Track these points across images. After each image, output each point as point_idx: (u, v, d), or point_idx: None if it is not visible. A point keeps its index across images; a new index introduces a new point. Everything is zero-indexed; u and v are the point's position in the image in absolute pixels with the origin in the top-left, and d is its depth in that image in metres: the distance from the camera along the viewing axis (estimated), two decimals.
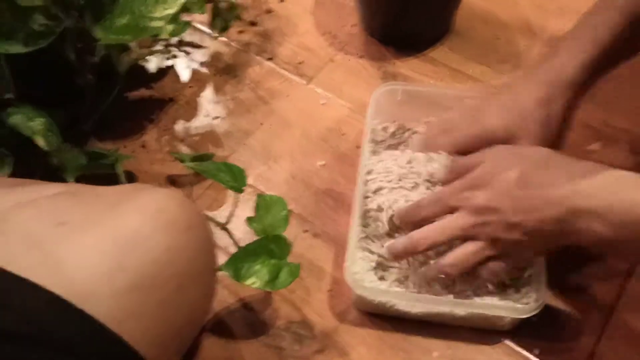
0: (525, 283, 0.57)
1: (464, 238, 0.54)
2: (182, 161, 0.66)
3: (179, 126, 0.76)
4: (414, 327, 0.59)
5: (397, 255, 0.57)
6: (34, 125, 0.61)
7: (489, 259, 0.54)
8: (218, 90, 0.79)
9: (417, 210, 0.57)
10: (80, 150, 0.66)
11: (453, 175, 0.57)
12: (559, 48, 0.59)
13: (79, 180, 0.64)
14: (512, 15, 0.85)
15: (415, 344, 0.59)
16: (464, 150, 0.59)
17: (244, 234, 0.64)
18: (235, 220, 0.66)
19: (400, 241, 0.57)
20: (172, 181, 0.71)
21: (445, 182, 0.58)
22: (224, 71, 0.81)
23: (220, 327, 0.60)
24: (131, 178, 0.70)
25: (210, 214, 0.67)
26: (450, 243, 0.55)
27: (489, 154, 0.56)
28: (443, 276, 0.56)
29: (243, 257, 0.56)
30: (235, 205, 0.66)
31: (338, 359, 0.58)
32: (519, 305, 0.56)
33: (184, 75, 0.81)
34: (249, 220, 0.61)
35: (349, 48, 0.83)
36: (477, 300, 0.57)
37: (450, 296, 0.57)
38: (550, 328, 0.59)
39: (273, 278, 0.55)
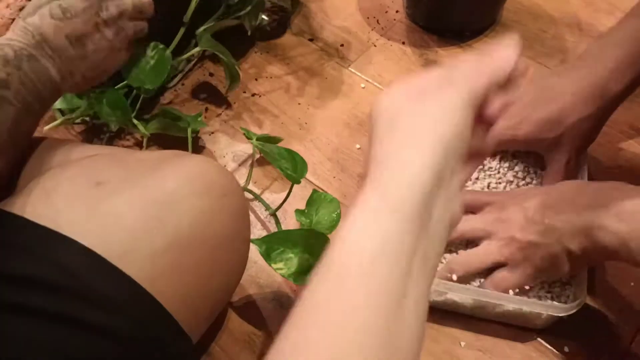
0: (566, 281, 0.57)
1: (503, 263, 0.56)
2: (249, 138, 0.66)
3: (216, 99, 0.76)
4: (444, 317, 0.58)
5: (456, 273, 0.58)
6: None
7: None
8: (257, 67, 0.79)
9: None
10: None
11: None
12: (603, 49, 0.60)
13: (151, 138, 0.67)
14: (561, 10, 0.83)
15: (444, 333, 0.58)
16: (509, 148, 0.64)
17: (292, 225, 0.64)
18: (286, 208, 0.64)
19: (452, 268, 0.58)
20: (233, 156, 0.71)
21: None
22: (263, 48, 0.81)
23: (249, 302, 0.60)
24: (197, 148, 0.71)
25: (264, 196, 0.67)
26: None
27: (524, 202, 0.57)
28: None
29: (280, 240, 0.55)
30: (287, 197, 0.63)
31: None
32: (557, 304, 0.55)
33: None
34: (298, 212, 0.60)
35: (391, 34, 0.82)
36: (515, 296, 0.56)
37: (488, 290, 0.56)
38: (581, 327, 0.57)
39: (301, 272, 0.54)
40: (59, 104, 0.67)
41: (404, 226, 0.32)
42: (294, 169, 0.60)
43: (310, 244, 0.55)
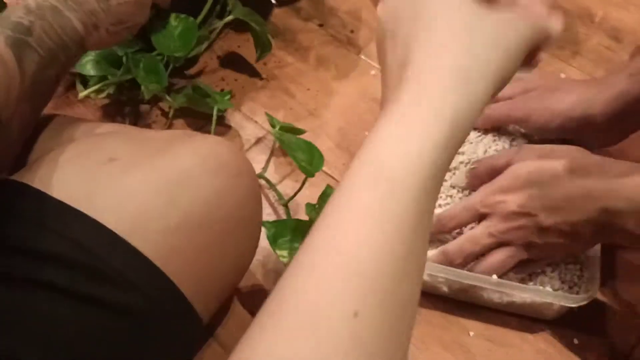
0: (578, 273, 0.56)
1: (498, 245, 0.53)
2: (272, 125, 0.65)
3: (233, 79, 0.75)
4: (453, 306, 0.58)
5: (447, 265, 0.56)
6: None
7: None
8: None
9: (446, 221, 0.56)
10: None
11: (479, 180, 0.56)
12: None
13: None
14: (573, 2, 0.82)
15: (453, 322, 0.57)
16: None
17: (302, 217, 0.62)
18: (298, 200, 0.63)
19: (434, 257, 0.56)
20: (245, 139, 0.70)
21: (472, 187, 0.57)
22: (272, 33, 0.80)
23: (257, 286, 0.59)
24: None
25: (278, 186, 0.66)
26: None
27: (516, 155, 0.55)
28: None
29: (290, 228, 0.54)
30: (300, 189, 0.62)
31: None
32: (569, 294, 0.54)
33: None
34: (309, 207, 0.58)
35: None
36: (526, 285, 0.55)
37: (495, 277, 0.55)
38: (591, 320, 0.57)
39: None
40: (92, 69, 0.66)
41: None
42: (309, 161, 0.60)
43: None
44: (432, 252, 0.56)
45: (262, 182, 0.66)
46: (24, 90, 0.43)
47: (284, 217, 0.64)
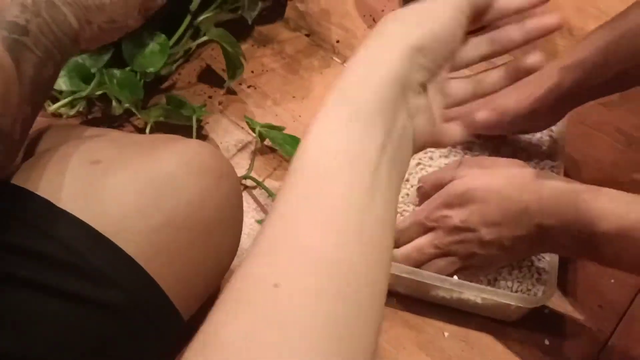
0: (537, 276, 0.58)
1: (442, 254, 0.56)
2: (252, 128, 0.67)
3: (212, 88, 0.77)
4: (427, 308, 0.60)
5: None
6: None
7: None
8: (254, 59, 0.80)
9: (398, 236, 0.58)
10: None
11: (427, 197, 0.59)
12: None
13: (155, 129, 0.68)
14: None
15: (429, 323, 0.59)
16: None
17: None
18: None
19: (400, 258, 0.58)
20: (229, 145, 0.72)
21: (419, 203, 0.61)
22: (260, 42, 0.82)
23: None
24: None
25: (269, 183, 0.67)
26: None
27: (460, 170, 0.57)
28: None
29: None
30: None
31: None
32: (526, 296, 0.57)
33: None
34: None
35: None
36: (486, 286, 0.57)
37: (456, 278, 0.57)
38: (562, 322, 0.59)
39: None
40: (63, 84, 0.67)
41: (367, 129, 0.32)
42: None
43: None
44: None
45: (249, 182, 0.68)
46: (23, 93, 0.44)
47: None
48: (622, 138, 0.72)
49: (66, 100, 0.68)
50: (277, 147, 0.63)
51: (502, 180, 0.54)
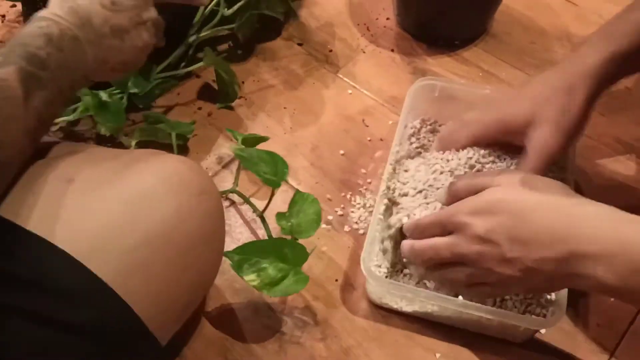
0: (546, 296, 0.56)
1: (456, 263, 0.52)
2: (235, 138, 0.65)
3: (201, 103, 0.75)
4: (421, 325, 0.58)
5: (407, 259, 0.56)
6: None
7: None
8: (244, 69, 0.79)
9: (417, 230, 0.55)
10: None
11: (456, 198, 0.54)
12: (583, 44, 0.57)
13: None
14: (551, 23, 0.83)
15: (419, 343, 0.57)
16: (483, 141, 0.58)
17: (277, 229, 0.61)
18: (273, 209, 0.63)
19: (405, 247, 0.55)
20: (216, 158, 0.71)
21: (449, 203, 0.55)
22: (250, 51, 0.80)
23: (224, 307, 0.59)
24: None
25: (252, 198, 0.65)
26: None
27: (496, 179, 0.53)
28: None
29: (253, 251, 0.54)
30: (270, 199, 0.62)
31: (338, 350, 0.56)
32: (536, 317, 0.54)
33: None
34: (278, 216, 0.58)
35: (380, 41, 0.81)
36: (493, 308, 0.55)
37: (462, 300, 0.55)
38: (560, 342, 0.57)
39: (275, 283, 0.53)
40: None
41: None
42: (273, 172, 0.59)
43: (283, 253, 0.54)
44: (406, 244, 0.55)
45: (236, 198, 0.66)
46: (27, 126, 0.43)
47: (258, 231, 0.64)
48: (622, 148, 0.70)
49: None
50: (248, 167, 0.60)
51: (540, 198, 0.49)
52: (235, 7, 0.74)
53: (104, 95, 0.66)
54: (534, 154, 0.56)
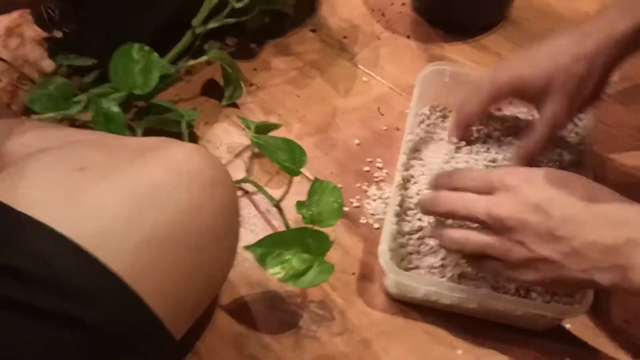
0: None
1: (486, 226, 0.48)
2: (247, 127, 0.63)
3: (211, 90, 0.73)
4: (441, 319, 0.56)
5: (423, 209, 0.53)
6: None
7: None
8: (256, 57, 0.76)
9: (452, 176, 0.51)
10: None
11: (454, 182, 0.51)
12: (609, 6, 0.53)
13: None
14: (571, 9, 0.80)
15: (441, 338, 0.55)
16: (496, 103, 0.56)
17: (293, 219, 0.60)
18: (289, 198, 0.62)
19: (426, 196, 0.52)
20: (228, 147, 0.68)
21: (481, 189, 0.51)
22: (263, 38, 0.78)
23: (238, 300, 0.58)
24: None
25: (266, 188, 0.64)
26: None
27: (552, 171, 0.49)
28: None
29: (275, 243, 0.53)
30: (288, 188, 0.61)
31: (356, 344, 0.55)
32: (563, 306, 0.53)
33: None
34: (299, 205, 0.57)
35: (396, 27, 0.79)
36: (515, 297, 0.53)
37: (486, 289, 0.53)
38: (585, 337, 0.55)
39: (300, 274, 0.52)
40: (40, 106, 0.63)
41: None
42: (292, 160, 0.58)
43: (306, 243, 0.53)
44: (428, 194, 0.53)
45: (249, 187, 0.65)
46: None
47: (274, 222, 0.62)
48: None
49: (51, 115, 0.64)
50: (267, 154, 0.58)
51: (600, 186, 0.47)
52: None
53: (106, 103, 0.62)
54: (543, 125, 0.54)
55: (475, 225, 0.50)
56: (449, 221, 0.53)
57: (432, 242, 0.55)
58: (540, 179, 0.47)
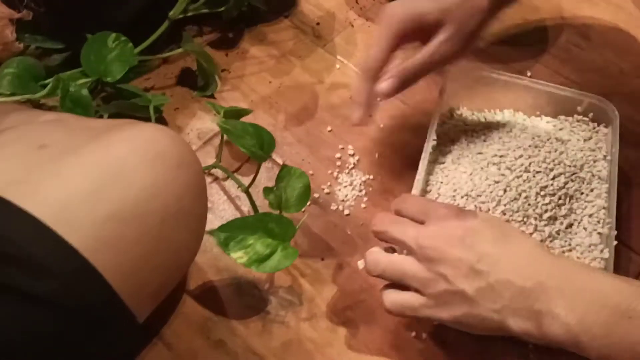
0: None
1: (412, 253, 0.49)
2: (216, 112, 0.62)
3: (179, 89, 0.72)
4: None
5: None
6: None
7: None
8: (228, 42, 0.76)
9: (400, 199, 0.54)
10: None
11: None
12: None
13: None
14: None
15: (408, 323, 0.56)
16: (397, 44, 0.55)
17: (264, 204, 0.59)
18: (259, 185, 0.61)
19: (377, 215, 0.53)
20: (198, 133, 0.68)
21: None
22: (235, 22, 0.78)
23: (206, 285, 0.57)
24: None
25: (236, 175, 0.63)
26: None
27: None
28: None
29: (238, 227, 0.52)
30: (256, 174, 0.60)
31: (324, 330, 0.55)
32: None
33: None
34: (265, 190, 0.57)
35: (370, 14, 0.79)
36: None
37: None
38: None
39: (263, 259, 0.51)
40: (9, 85, 0.61)
41: None
42: (260, 145, 0.57)
43: (270, 228, 0.52)
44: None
45: (219, 173, 0.64)
46: None
47: (243, 208, 0.62)
48: None
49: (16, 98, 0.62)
50: (233, 140, 0.57)
51: (524, 235, 0.50)
52: None
53: (75, 87, 0.61)
54: (427, 49, 0.54)
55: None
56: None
57: None
58: (470, 215, 0.49)
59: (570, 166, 0.58)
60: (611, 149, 0.61)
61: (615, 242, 0.55)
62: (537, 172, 0.57)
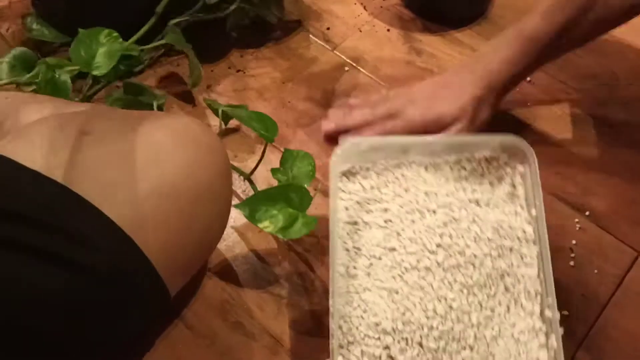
0: None
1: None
2: (214, 109, 0.66)
3: (179, 77, 0.76)
4: None
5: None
6: None
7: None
8: (241, 43, 0.79)
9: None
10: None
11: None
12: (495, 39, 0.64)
13: None
14: None
15: None
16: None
17: (267, 186, 0.63)
18: (259, 173, 0.65)
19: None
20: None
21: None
22: (249, 26, 0.81)
23: (225, 270, 0.61)
24: None
25: (235, 164, 0.67)
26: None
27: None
28: None
29: (261, 200, 0.56)
30: (261, 158, 0.64)
31: None
32: None
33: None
34: (274, 171, 0.61)
35: (377, 20, 0.83)
36: None
37: None
38: None
39: (287, 226, 0.55)
40: (3, 72, 0.65)
41: None
42: (265, 129, 0.62)
43: (290, 198, 0.56)
44: None
45: None
46: None
47: (243, 197, 0.65)
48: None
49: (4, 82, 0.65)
50: (243, 122, 0.63)
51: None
52: None
53: (58, 72, 0.63)
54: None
55: None
56: None
57: None
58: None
59: (491, 240, 0.50)
60: (534, 200, 0.52)
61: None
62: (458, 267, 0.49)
